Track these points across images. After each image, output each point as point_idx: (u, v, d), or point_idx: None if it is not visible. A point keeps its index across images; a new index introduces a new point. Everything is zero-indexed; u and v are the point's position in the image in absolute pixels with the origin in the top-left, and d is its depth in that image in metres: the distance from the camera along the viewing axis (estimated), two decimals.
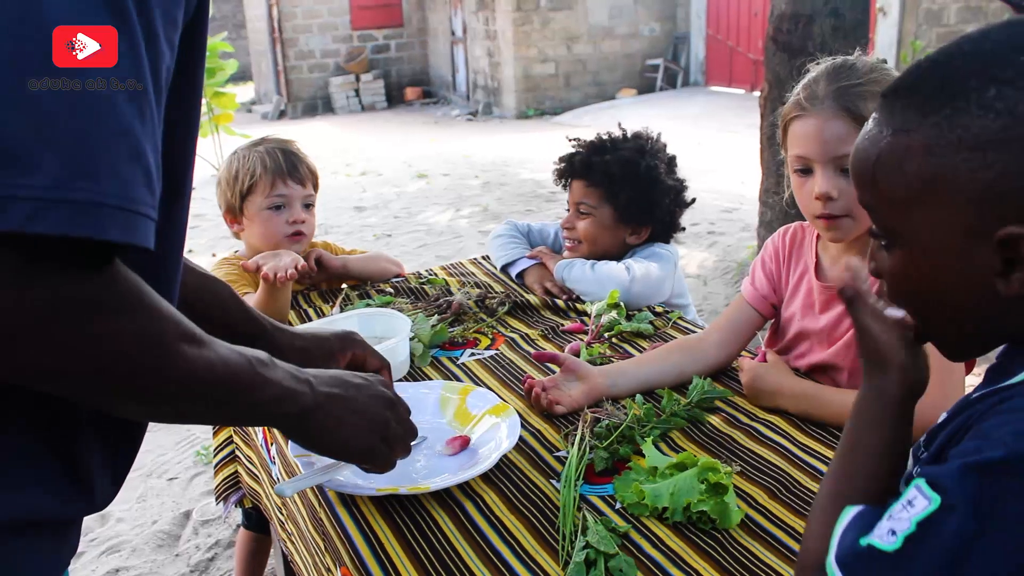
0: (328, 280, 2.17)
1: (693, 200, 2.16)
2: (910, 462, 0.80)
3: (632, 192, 2.03)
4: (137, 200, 0.64)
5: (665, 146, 2.14)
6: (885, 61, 1.43)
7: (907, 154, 0.69)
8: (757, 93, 10.24)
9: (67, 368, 0.67)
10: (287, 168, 2.03)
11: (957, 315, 0.73)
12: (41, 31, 0.60)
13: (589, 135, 2.17)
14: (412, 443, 1.21)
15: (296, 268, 1.86)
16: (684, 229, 2.17)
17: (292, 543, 1.48)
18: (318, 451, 1.04)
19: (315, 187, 2.11)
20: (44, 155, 0.59)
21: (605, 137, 2.13)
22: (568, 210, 2.14)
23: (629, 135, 2.12)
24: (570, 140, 2.21)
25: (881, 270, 0.77)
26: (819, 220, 1.42)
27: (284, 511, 1.50)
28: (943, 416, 0.78)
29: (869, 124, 0.75)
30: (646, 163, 2.04)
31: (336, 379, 1.01)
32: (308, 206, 2.09)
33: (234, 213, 2.07)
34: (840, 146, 1.36)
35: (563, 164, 2.13)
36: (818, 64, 1.45)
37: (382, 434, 1.04)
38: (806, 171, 1.42)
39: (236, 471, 1.90)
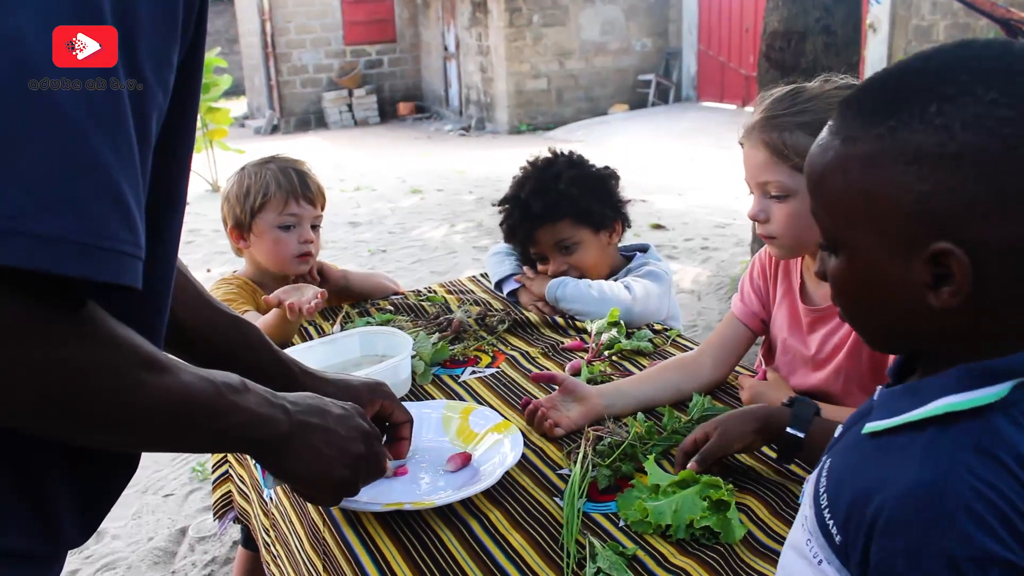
0: (328, 296, 2.18)
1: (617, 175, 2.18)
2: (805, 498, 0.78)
3: (595, 200, 2.06)
4: (107, 236, 0.63)
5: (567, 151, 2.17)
6: (851, 85, 1.42)
7: (849, 164, 0.70)
8: (749, 109, 10.30)
9: (11, 395, 0.66)
10: (300, 188, 2.03)
11: (890, 322, 0.74)
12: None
13: (534, 155, 2.17)
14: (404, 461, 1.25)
15: (319, 298, 1.83)
16: (630, 202, 2.18)
17: (277, 566, 1.46)
18: (288, 480, 1.01)
19: (323, 207, 2.12)
20: (6, 186, 0.59)
21: (531, 169, 2.11)
22: (536, 256, 2.11)
23: (542, 160, 2.12)
24: (495, 205, 2.18)
25: (826, 273, 0.77)
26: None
27: (272, 533, 1.48)
28: (838, 430, 0.80)
29: (824, 132, 0.74)
30: (583, 170, 2.08)
31: (315, 408, 1.00)
32: (315, 227, 2.09)
33: (242, 229, 2.05)
34: (760, 173, 1.41)
35: (517, 222, 2.09)
36: (808, 81, 1.47)
37: (354, 468, 1.03)
38: None
39: (231, 490, 1.89)
